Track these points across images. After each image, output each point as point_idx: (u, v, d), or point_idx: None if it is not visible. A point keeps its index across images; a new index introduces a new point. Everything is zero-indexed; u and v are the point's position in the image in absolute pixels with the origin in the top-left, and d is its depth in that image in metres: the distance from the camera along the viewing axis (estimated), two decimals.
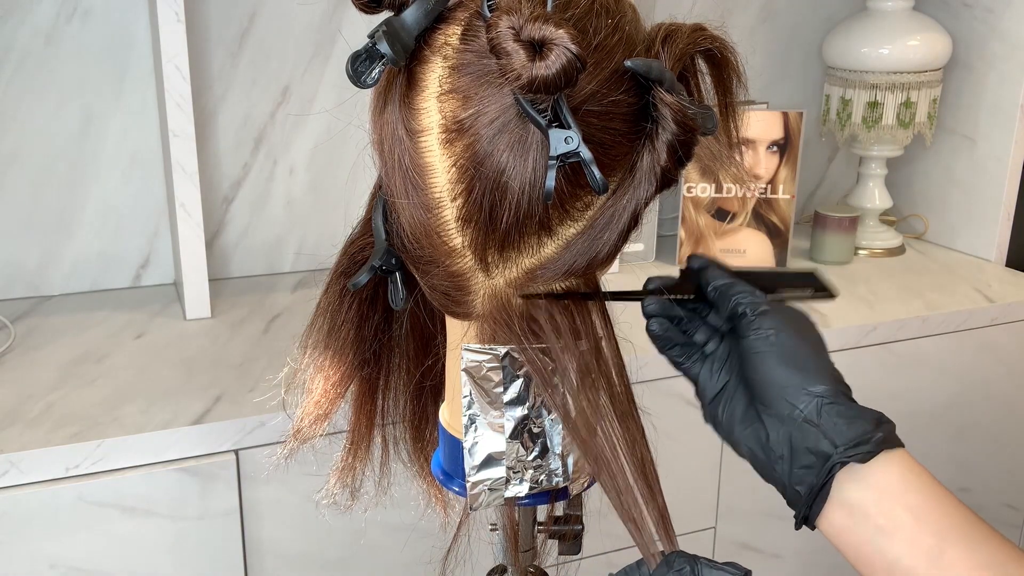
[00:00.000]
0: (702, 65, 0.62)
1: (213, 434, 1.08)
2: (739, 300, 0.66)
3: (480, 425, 0.63)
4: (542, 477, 0.64)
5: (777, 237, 1.66)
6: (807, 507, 0.62)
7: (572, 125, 0.52)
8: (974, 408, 1.56)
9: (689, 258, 0.72)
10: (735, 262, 1.66)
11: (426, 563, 1.15)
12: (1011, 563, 0.58)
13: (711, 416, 0.70)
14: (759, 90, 1.80)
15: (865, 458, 0.60)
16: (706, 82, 0.63)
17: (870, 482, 0.61)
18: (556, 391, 0.61)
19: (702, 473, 1.39)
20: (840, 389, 0.64)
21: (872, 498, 0.61)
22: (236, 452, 1.10)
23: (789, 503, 0.64)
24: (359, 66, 0.55)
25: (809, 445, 0.62)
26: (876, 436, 0.61)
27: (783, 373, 0.63)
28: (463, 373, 0.62)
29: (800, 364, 0.64)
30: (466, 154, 0.55)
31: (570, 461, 0.65)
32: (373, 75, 0.55)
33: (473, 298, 0.60)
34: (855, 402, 0.64)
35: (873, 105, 1.68)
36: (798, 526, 0.64)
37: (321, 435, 0.76)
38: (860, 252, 1.75)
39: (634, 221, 0.58)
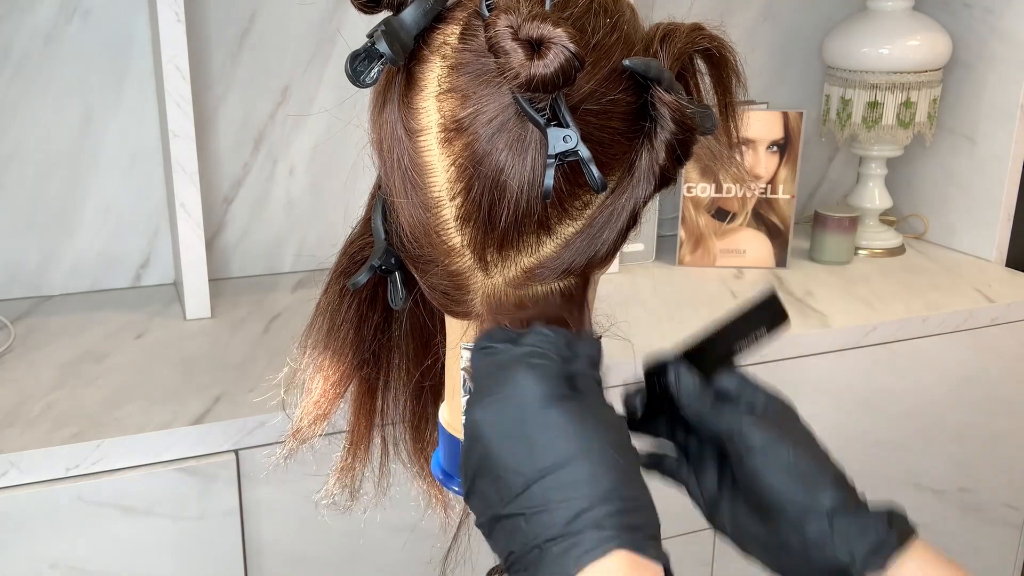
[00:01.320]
0: (701, 65, 0.62)
1: (213, 434, 1.08)
2: (728, 425, 0.65)
3: None
4: None
5: (777, 237, 1.66)
6: None
7: (571, 124, 0.52)
8: (974, 408, 1.56)
9: (645, 365, 0.70)
10: (735, 262, 1.66)
11: (426, 563, 1.15)
12: None
13: (715, 525, 0.70)
14: (759, 90, 1.80)
15: (883, 566, 0.61)
16: (705, 82, 0.63)
17: None
18: None
19: None
20: (845, 493, 0.64)
21: None
22: (236, 452, 1.10)
23: None
24: (358, 65, 0.55)
25: (827, 556, 0.62)
26: (890, 542, 0.61)
27: (788, 489, 0.63)
28: (462, 372, 0.62)
29: (802, 478, 0.63)
30: (465, 153, 0.55)
31: None
32: (372, 75, 0.55)
33: (472, 297, 0.60)
34: (861, 501, 0.64)
35: (873, 105, 1.68)
36: None
37: (320, 435, 0.76)
38: (860, 252, 1.75)
39: (633, 220, 0.58)
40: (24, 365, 1.23)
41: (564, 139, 0.52)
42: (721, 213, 1.65)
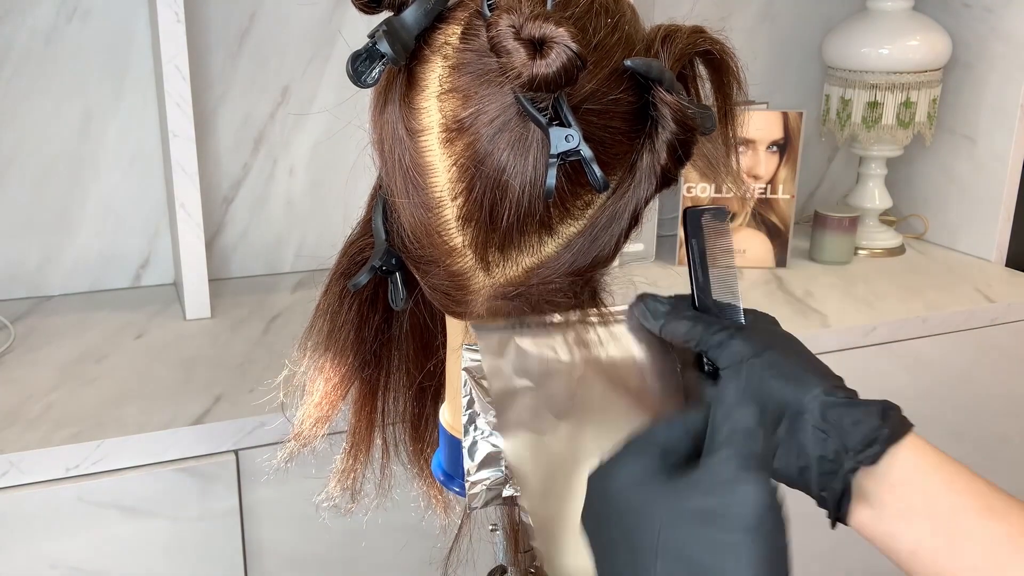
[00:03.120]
0: (702, 70, 0.62)
1: (213, 434, 1.08)
2: (703, 340, 0.64)
3: (480, 425, 0.63)
4: None
5: (777, 237, 1.66)
6: (835, 510, 0.63)
7: (572, 123, 0.52)
8: (974, 408, 1.56)
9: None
10: (735, 262, 1.66)
11: (426, 563, 1.15)
12: None
13: None
14: (759, 90, 1.80)
15: (875, 459, 0.60)
16: (705, 88, 0.63)
17: (882, 474, 0.61)
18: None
19: None
20: (834, 384, 0.63)
21: (886, 488, 0.61)
22: (236, 452, 1.10)
23: (819, 506, 0.64)
24: (359, 66, 0.55)
25: (823, 452, 0.61)
26: (883, 434, 0.60)
27: (778, 391, 0.62)
28: (463, 373, 0.62)
29: (790, 375, 0.62)
30: (466, 153, 0.55)
31: None
32: (373, 75, 0.55)
33: (474, 297, 0.60)
34: (852, 393, 0.63)
35: (873, 105, 1.68)
36: (833, 526, 0.65)
37: (322, 435, 0.76)
38: (860, 252, 1.75)
39: (635, 220, 0.58)
40: (24, 365, 1.23)
41: (566, 139, 0.52)
42: None
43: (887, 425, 0.61)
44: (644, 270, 1.65)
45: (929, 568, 0.60)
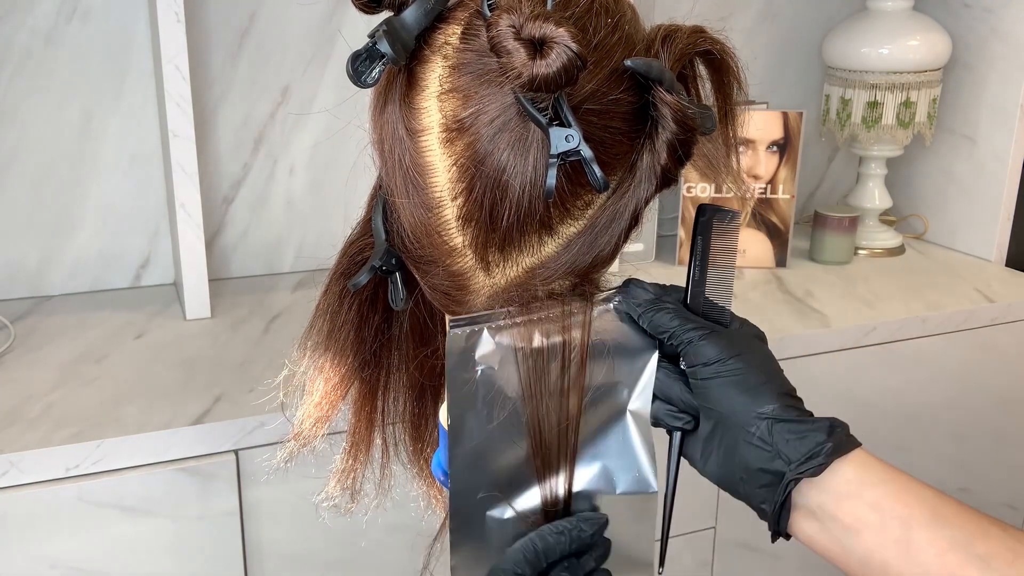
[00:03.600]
0: (702, 70, 0.62)
1: (213, 434, 1.08)
2: (676, 335, 0.64)
3: None
4: None
5: (777, 237, 1.66)
6: (775, 522, 0.63)
7: (573, 123, 0.52)
8: (974, 408, 1.56)
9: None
10: (735, 267, 1.66)
11: (419, 559, 1.14)
12: (977, 538, 0.58)
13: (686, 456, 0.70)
14: (759, 90, 1.80)
15: (817, 471, 0.60)
16: (706, 88, 0.63)
17: (828, 487, 0.61)
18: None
19: None
20: (789, 403, 0.63)
21: (833, 501, 0.61)
22: (236, 452, 1.10)
23: (760, 518, 0.65)
24: (359, 65, 0.55)
25: (764, 466, 0.61)
26: (826, 447, 0.60)
27: (732, 399, 0.63)
28: None
29: (747, 387, 0.62)
30: (466, 153, 0.55)
31: None
32: (373, 75, 0.55)
33: (474, 297, 0.60)
34: (806, 413, 0.63)
35: (873, 105, 1.68)
36: (774, 539, 0.65)
37: (322, 435, 0.76)
38: (860, 252, 1.75)
39: (635, 220, 0.58)
40: (24, 365, 1.23)
41: (566, 139, 0.52)
42: None
43: (831, 440, 0.61)
44: (644, 270, 1.65)
45: None
